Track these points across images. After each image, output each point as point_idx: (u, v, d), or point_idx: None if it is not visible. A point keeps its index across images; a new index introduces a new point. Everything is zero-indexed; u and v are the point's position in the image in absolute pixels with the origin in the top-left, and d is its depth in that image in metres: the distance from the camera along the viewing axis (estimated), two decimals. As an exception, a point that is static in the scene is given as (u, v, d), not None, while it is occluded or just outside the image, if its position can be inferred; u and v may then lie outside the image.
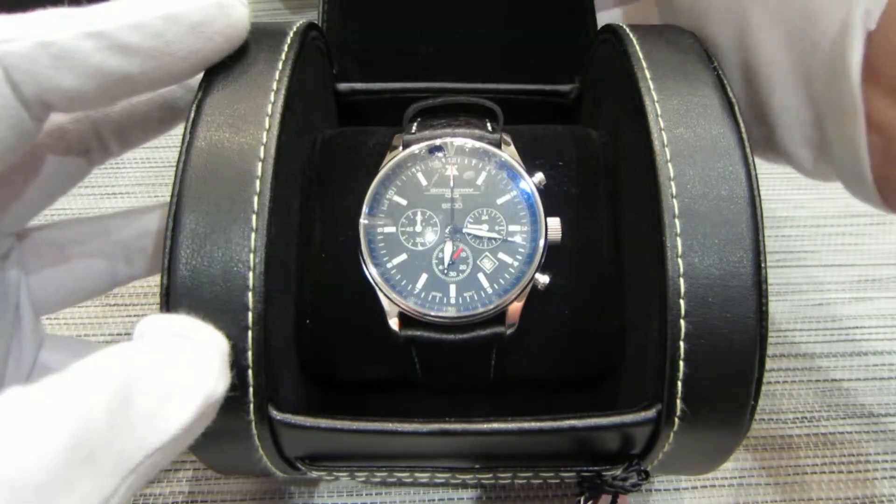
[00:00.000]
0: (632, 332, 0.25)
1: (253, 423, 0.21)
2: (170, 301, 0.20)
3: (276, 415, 0.21)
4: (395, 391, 0.27)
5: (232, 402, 0.20)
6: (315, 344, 0.26)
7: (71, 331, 0.34)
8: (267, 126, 0.22)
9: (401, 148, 0.25)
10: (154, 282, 0.36)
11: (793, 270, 0.37)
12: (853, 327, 0.36)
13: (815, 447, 0.32)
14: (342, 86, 0.32)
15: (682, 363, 0.20)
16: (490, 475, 0.24)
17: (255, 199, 0.21)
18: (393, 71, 0.33)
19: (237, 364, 0.20)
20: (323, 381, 0.27)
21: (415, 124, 0.26)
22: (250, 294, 0.20)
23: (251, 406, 0.20)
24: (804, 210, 0.40)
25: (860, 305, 0.36)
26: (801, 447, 0.32)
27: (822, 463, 0.32)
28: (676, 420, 0.21)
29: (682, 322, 0.20)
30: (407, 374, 0.25)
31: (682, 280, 0.20)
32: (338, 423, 0.21)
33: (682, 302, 0.20)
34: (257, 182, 0.21)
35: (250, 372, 0.20)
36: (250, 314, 0.20)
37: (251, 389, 0.20)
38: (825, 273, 0.38)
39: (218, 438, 0.21)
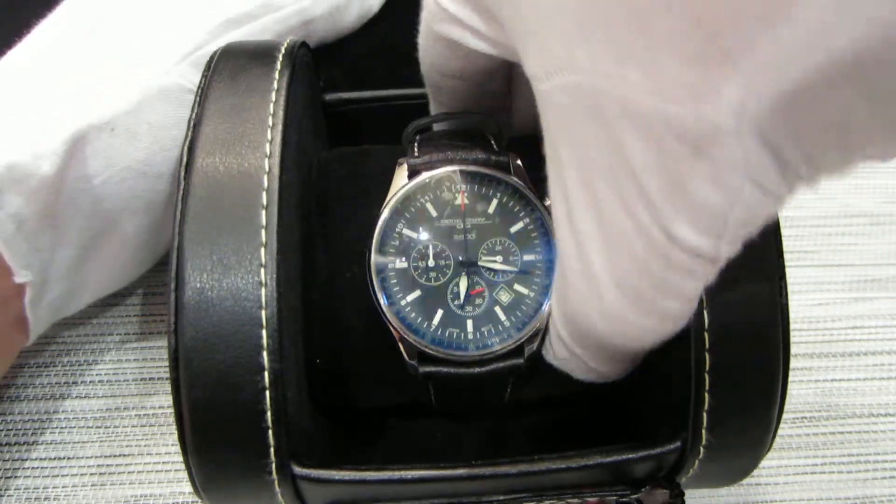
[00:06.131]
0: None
1: (276, 482, 0.20)
2: (179, 363, 0.19)
3: (300, 471, 0.20)
4: (405, 416, 0.27)
5: (252, 464, 0.19)
6: (326, 380, 0.25)
7: (70, 330, 0.34)
8: (267, 168, 0.21)
9: (406, 174, 0.24)
10: (155, 281, 0.36)
11: (793, 270, 0.37)
12: (853, 327, 0.36)
13: (815, 447, 0.32)
14: (330, 96, 0.31)
15: (706, 395, 0.20)
16: None
17: (262, 251, 0.20)
18: (382, 78, 0.32)
19: (256, 426, 0.19)
20: (332, 413, 0.26)
21: (416, 144, 0.25)
22: (265, 353, 0.19)
23: (273, 466, 0.20)
24: (804, 210, 0.40)
25: (860, 305, 0.36)
26: (801, 447, 0.32)
27: (822, 463, 0.32)
28: (702, 449, 0.21)
29: (707, 355, 0.20)
30: (418, 399, 0.24)
31: (706, 312, 0.20)
32: (364, 475, 0.21)
33: (706, 335, 0.20)
34: (263, 233, 0.20)
35: (270, 433, 0.19)
36: (266, 374, 0.19)
37: (272, 450, 0.19)
38: (825, 273, 0.38)
39: (238, 499, 0.21)
